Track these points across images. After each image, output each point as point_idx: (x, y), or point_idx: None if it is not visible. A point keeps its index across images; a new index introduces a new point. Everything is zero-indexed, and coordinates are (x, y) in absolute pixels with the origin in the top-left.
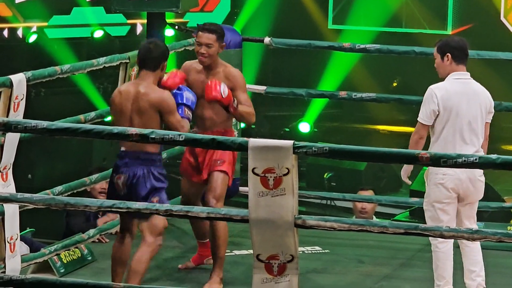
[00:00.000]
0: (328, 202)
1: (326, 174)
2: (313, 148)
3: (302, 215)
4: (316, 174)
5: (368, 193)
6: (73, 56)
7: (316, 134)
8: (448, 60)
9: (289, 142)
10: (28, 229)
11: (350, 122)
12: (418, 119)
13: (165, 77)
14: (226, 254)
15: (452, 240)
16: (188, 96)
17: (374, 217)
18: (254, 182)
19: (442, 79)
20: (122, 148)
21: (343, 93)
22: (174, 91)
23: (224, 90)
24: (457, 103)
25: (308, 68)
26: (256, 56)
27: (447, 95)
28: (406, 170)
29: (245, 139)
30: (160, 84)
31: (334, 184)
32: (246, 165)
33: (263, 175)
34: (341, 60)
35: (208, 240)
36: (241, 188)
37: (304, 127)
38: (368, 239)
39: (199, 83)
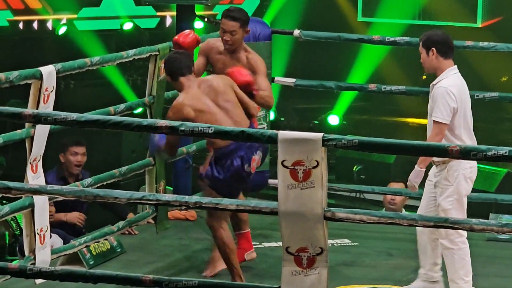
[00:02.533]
0: (357, 195)
1: (355, 167)
2: (343, 140)
3: (332, 208)
4: (345, 167)
5: (399, 186)
6: (103, 48)
7: (345, 126)
8: (433, 54)
9: (318, 135)
10: None
11: (379, 115)
12: (437, 119)
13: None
14: (255, 246)
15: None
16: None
17: (403, 210)
18: (283, 175)
19: (433, 75)
20: None
21: (372, 86)
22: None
23: (249, 73)
24: (465, 99)
25: (337, 60)
26: (285, 48)
27: (459, 91)
28: (418, 175)
29: (275, 131)
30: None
31: (363, 177)
32: (276, 157)
33: (292, 167)
34: (370, 53)
35: (247, 230)
36: (270, 181)
37: (333, 119)
38: (397, 232)
39: (220, 63)
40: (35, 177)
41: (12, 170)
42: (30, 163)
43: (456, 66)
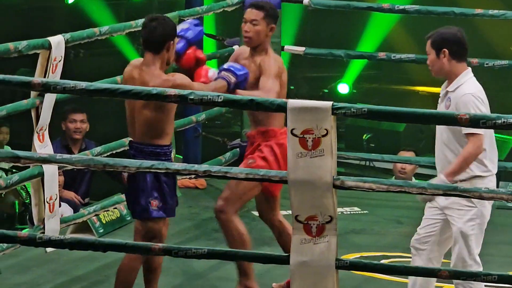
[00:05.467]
0: (367, 163)
1: (365, 135)
2: (352, 109)
3: (341, 176)
4: (355, 135)
5: (409, 154)
6: (112, 18)
7: (354, 95)
8: (445, 57)
9: (328, 103)
10: None
11: (389, 83)
12: (474, 131)
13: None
14: None
15: None
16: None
17: (413, 178)
18: (292, 143)
19: (441, 79)
20: (130, 138)
21: (382, 54)
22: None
23: (213, 76)
24: (488, 104)
25: (347, 29)
26: (295, 17)
27: (485, 96)
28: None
29: (284, 100)
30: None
31: (373, 145)
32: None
33: (301, 136)
34: (380, 21)
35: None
36: None
37: (343, 88)
38: (406, 200)
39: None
40: (42, 146)
41: (16, 139)
42: (37, 132)
43: (470, 68)
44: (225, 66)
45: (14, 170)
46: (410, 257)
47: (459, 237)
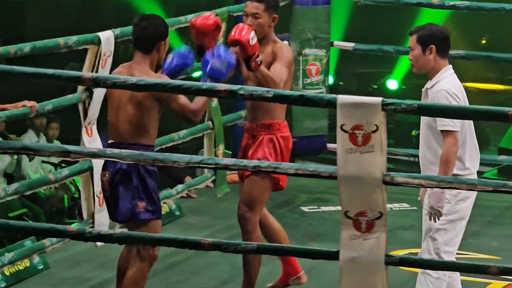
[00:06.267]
0: (416, 159)
1: (414, 131)
2: (402, 105)
3: (391, 172)
4: (404, 131)
5: None
6: (162, 13)
7: (404, 91)
8: (431, 53)
9: (378, 99)
10: None
11: None
12: (447, 128)
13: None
14: (313, 210)
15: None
16: (216, 64)
17: None
18: (342, 139)
19: (423, 75)
20: (110, 140)
21: None
22: (203, 57)
23: (253, 38)
24: (467, 101)
25: (396, 25)
26: (344, 13)
27: (462, 93)
28: (441, 198)
29: (334, 96)
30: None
31: None
32: (334, 122)
33: (351, 132)
34: (429, 17)
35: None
36: (329, 145)
37: (392, 84)
38: None
39: None
40: (90, 140)
41: (65, 133)
42: (85, 126)
43: (451, 65)
44: (206, 69)
45: (63, 165)
46: (459, 254)
47: (428, 230)
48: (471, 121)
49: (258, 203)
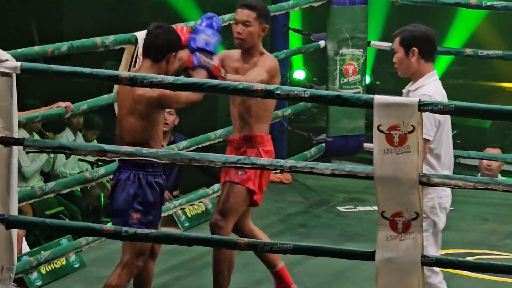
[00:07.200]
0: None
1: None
2: (439, 105)
3: (427, 173)
4: None
5: (495, 151)
6: (199, 11)
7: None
8: (414, 56)
9: (415, 100)
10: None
11: (475, 79)
12: (425, 137)
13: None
14: (349, 210)
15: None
16: (204, 38)
17: (499, 175)
18: (379, 139)
19: (407, 78)
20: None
21: (469, 51)
22: (189, 35)
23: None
24: None
25: (434, 25)
26: (381, 12)
27: (444, 99)
28: None
29: (371, 96)
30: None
31: (459, 141)
32: (371, 121)
33: (388, 132)
34: (467, 17)
35: (281, 267)
36: (366, 145)
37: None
38: (492, 197)
39: (231, 71)
40: None
41: (101, 132)
42: None
43: (436, 71)
44: (198, 44)
45: (100, 163)
46: (495, 254)
47: None
48: (449, 133)
49: (232, 213)
